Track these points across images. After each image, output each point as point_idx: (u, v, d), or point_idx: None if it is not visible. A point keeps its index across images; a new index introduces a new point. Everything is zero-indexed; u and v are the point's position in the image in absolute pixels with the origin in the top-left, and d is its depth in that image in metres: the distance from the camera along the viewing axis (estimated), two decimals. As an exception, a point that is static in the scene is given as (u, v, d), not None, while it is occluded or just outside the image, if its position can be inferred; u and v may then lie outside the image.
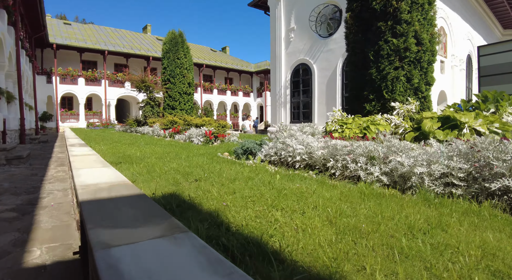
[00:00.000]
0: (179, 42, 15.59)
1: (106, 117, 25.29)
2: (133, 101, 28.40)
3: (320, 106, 13.20)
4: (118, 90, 25.84)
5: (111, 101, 25.86)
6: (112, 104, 25.98)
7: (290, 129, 4.58)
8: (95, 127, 21.27)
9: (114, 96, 25.99)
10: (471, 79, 15.87)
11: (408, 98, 5.22)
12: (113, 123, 23.84)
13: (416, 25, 5.21)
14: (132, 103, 29.12)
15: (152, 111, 15.11)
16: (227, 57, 38.86)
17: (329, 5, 12.75)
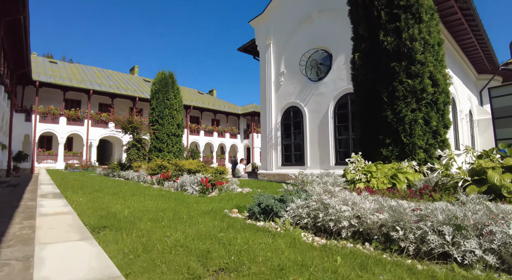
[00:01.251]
0: (169, 83, 15.36)
1: (86, 159, 24.08)
2: (116, 142, 27.47)
3: (312, 148, 12.85)
4: (101, 131, 24.98)
5: (93, 141, 24.86)
6: (94, 144, 24.95)
7: (311, 180, 3.95)
8: (74, 169, 20.03)
9: (97, 137, 25.05)
10: (473, 128, 17.46)
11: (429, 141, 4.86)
12: (94, 165, 22.61)
13: (430, 66, 5.03)
14: (115, 144, 28.15)
15: (138, 154, 14.33)
16: (214, 99, 39.17)
17: (319, 50, 12.95)
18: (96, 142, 25.02)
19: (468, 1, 11.84)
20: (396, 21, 5.18)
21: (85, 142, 24.27)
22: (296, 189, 3.78)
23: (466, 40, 15.28)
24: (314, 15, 12.89)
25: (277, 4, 14.52)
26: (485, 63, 18.70)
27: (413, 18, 5.09)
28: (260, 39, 15.27)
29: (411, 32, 5.01)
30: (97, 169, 16.22)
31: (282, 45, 14.30)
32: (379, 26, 5.35)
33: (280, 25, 14.47)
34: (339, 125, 12.05)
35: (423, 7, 5.11)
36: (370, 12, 5.53)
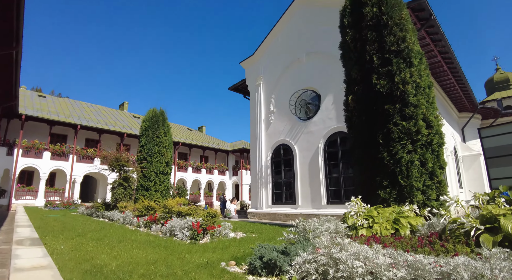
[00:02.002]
0: (160, 120, 15.26)
1: (69, 196, 23.05)
2: (102, 179, 26.64)
3: (303, 187, 12.69)
4: (86, 166, 24.21)
5: (77, 178, 23.99)
6: (77, 181, 24.05)
7: (314, 228, 3.70)
8: (54, 207, 19.00)
9: (81, 173, 24.23)
10: (458, 165, 17.73)
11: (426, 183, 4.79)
12: (76, 203, 21.57)
13: (423, 108, 5.12)
14: (100, 181, 27.27)
15: (124, 193, 13.77)
16: (203, 136, 39.16)
17: (307, 91, 13.28)
18: (80, 179, 24.15)
19: (446, 46, 12.59)
20: (388, 65, 5.34)
21: (69, 178, 23.40)
22: (298, 238, 3.55)
23: (446, 81, 16.06)
24: (302, 57, 13.38)
25: (267, 46, 15.08)
26: (465, 102, 19.57)
27: (404, 62, 5.27)
28: (251, 79, 15.64)
29: (403, 75, 5.16)
30: (79, 208, 15.41)
31: (272, 85, 14.63)
32: (372, 70, 5.50)
33: (270, 66, 14.92)
34: (329, 163, 12.03)
35: (412, 52, 5.32)
36: (362, 56, 5.71)
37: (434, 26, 11.25)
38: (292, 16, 14.12)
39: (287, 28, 14.36)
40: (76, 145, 24.55)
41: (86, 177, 26.32)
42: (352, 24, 6.01)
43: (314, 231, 3.64)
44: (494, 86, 36.44)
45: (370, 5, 5.63)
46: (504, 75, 36.19)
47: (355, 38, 5.88)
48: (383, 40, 5.40)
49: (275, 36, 14.80)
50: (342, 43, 6.29)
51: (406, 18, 5.50)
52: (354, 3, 6.12)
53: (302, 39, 13.59)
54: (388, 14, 5.42)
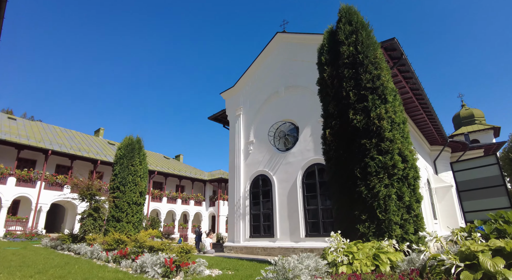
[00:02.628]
0: (136, 149, 14.83)
1: (32, 226, 21.42)
2: (70, 207, 25.18)
3: (282, 219, 12.50)
4: (54, 194, 22.82)
5: (43, 206, 22.45)
6: (44, 209, 22.47)
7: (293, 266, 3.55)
8: (15, 238, 17.54)
9: (49, 201, 22.74)
10: (432, 196, 18.18)
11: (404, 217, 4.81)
12: (40, 233, 20.04)
13: (398, 143, 5.27)
14: (69, 210, 25.72)
15: (94, 224, 12.98)
16: (180, 164, 38.41)
17: (286, 123, 13.50)
18: (47, 207, 22.61)
19: (417, 83, 13.32)
20: (364, 101, 5.54)
21: (34, 206, 21.88)
22: (277, 277, 3.40)
23: (418, 115, 16.85)
24: (281, 90, 13.73)
25: (248, 79, 15.42)
26: (436, 136, 20.50)
27: (379, 99, 5.49)
28: (231, 109, 15.78)
29: (379, 111, 5.35)
30: (43, 240, 14.27)
31: (251, 116, 14.79)
32: (348, 106, 5.68)
33: (250, 98, 15.16)
34: (308, 195, 12.02)
35: (387, 89, 5.56)
36: (339, 92, 5.91)
37: (405, 64, 11.95)
38: (272, 51, 14.63)
39: (267, 62, 14.82)
40: (46, 171, 23.28)
41: (53, 206, 24.77)
42: (329, 62, 6.27)
43: (294, 270, 3.51)
44: (461, 121, 38.66)
45: (347, 45, 5.92)
46: (469, 111, 38.56)
47: (332, 75, 6.12)
48: (359, 77, 5.64)
49: (256, 69, 15.20)
50: (320, 79, 6.52)
51: (380, 57, 5.80)
52: (331, 42, 6.43)
53: (282, 73, 14.03)
54: (363, 53, 5.70)
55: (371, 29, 6.08)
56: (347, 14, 6.27)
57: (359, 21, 6.08)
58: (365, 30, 5.95)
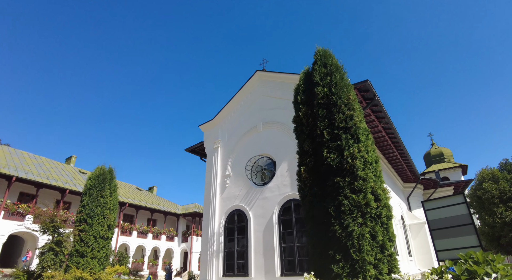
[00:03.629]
0: (107, 179, 14.23)
1: (-17, 262, 19.58)
2: (31, 240, 23.35)
3: (257, 256, 12.10)
4: (14, 224, 21.09)
5: (0, 237, 20.67)
6: (0, 241, 20.66)
7: None
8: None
9: (7, 232, 20.94)
10: (406, 233, 18.34)
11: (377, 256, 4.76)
12: (-9, 271, 18.32)
13: (371, 182, 5.35)
14: (28, 242, 23.82)
15: (55, 260, 12.02)
16: (153, 196, 37.13)
17: (264, 157, 13.56)
18: (4, 238, 20.77)
19: (389, 122, 13.92)
20: (337, 140, 5.69)
21: (-11, 239, 20.13)
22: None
23: (391, 153, 17.42)
24: (259, 125, 13.94)
25: (227, 113, 15.60)
26: (408, 173, 21.13)
27: (352, 138, 5.66)
28: (209, 142, 15.73)
29: (351, 150, 5.49)
30: (-6, 278, 13.03)
31: (229, 149, 14.78)
32: (323, 144, 5.81)
33: (229, 131, 15.25)
34: (284, 231, 11.81)
35: (360, 129, 5.76)
36: (314, 131, 6.06)
37: (378, 105, 12.54)
38: (252, 87, 15.02)
39: (247, 98, 15.14)
40: (7, 199, 21.73)
41: (12, 237, 22.86)
42: (305, 101, 6.49)
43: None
44: (431, 159, 40.34)
45: (321, 86, 6.18)
46: (438, 150, 40.42)
47: (308, 113, 6.31)
48: (333, 117, 5.84)
49: (235, 104, 15.45)
50: (295, 117, 6.69)
51: (353, 99, 6.07)
52: (307, 82, 6.70)
53: (260, 109, 14.33)
54: (337, 95, 5.95)
55: (345, 72, 6.41)
56: (323, 56, 6.61)
57: (334, 63, 6.42)
58: (339, 72, 6.26)
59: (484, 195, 22.02)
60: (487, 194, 21.70)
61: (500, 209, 20.69)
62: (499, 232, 21.12)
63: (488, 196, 21.64)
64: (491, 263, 3.97)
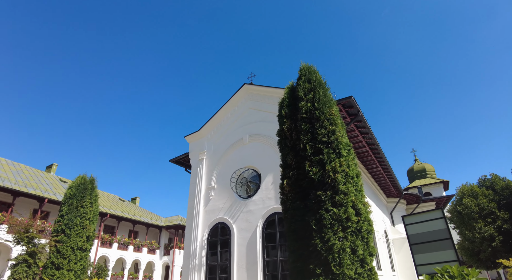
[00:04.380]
0: (88, 189, 13.87)
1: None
2: (4, 250, 22.32)
3: (240, 271, 11.93)
4: (-15, 236, 20.26)
5: (-30, 249, 19.76)
6: (-30, 253, 19.75)
7: None
8: None
9: (-22, 243, 20.09)
10: (389, 247, 18.53)
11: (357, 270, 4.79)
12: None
13: (352, 196, 5.42)
14: (2, 253, 22.79)
15: (27, 272, 11.52)
16: (135, 208, 36.33)
17: (249, 169, 13.56)
18: (-26, 250, 19.90)
19: (372, 138, 14.20)
20: (319, 154, 5.78)
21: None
22: None
23: (374, 168, 17.69)
24: (246, 138, 13.99)
25: (213, 125, 15.61)
26: (391, 188, 21.44)
27: (334, 153, 5.75)
28: (194, 153, 15.65)
29: (333, 164, 5.57)
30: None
31: (215, 161, 14.72)
32: (305, 157, 5.89)
33: (214, 143, 15.23)
34: (268, 245, 11.72)
35: (341, 144, 5.87)
36: (297, 144, 6.15)
37: (361, 121, 12.80)
38: (239, 100, 15.13)
39: (234, 110, 15.23)
40: (-20, 210, 20.88)
41: (-17, 249, 21.89)
42: (289, 115, 6.60)
43: None
44: (414, 174, 41.13)
45: (305, 101, 6.31)
46: (421, 166, 41.27)
47: (291, 127, 6.41)
48: (315, 131, 5.95)
49: (222, 116, 15.49)
50: (279, 130, 6.78)
51: (336, 114, 6.21)
52: (291, 97, 6.84)
53: (247, 122, 14.41)
54: (320, 110, 6.08)
55: (328, 88, 6.58)
56: (307, 72, 6.77)
57: (317, 79, 6.58)
58: (322, 88, 6.42)
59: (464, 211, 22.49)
60: (467, 210, 22.18)
61: (479, 224, 21.14)
62: (478, 247, 21.51)
63: (468, 212, 22.11)
64: (466, 277, 4.07)
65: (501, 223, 20.74)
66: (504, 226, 20.65)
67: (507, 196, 21.91)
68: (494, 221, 21.05)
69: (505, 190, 22.13)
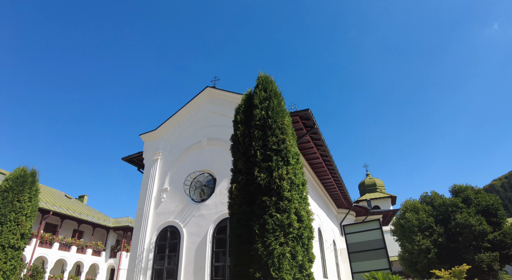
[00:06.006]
0: (28, 182, 12.83)
1: None
2: None
3: (186, 275, 11.74)
4: None
5: None
6: None
7: None
8: None
9: None
10: (337, 256, 19.11)
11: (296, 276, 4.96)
12: None
13: (296, 203, 5.63)
14: None
15: None
16: (82, 206, 34.26)
17: (204, 173, 13.47)
18: None
19: (326, 150, 14.78)
20: (269, 161, 5.96)
21: None
22: None
23: (326, 180, 18.37)
24: (204, 141, 13.89)
25: (171, 125, 15.31)
26: (342, 200, 22.36)
27: (282, 160, 5.97)
28: (149, 153, 15.21)
29: (280, 172, 5.77)
30: None
31: (170, 163, 14.42)
32: (255, 163, 6.04)
33: (171, 144, 14.93)
34: (218, 250, 11.68)
35: (290, 152, 6.11)
36: (248, 150, 6.29)
37: (317, 133, 13.29)
38: (201, 103, 15.02)
39: (194, 112, 15.07)
40: None
41: None
42: (243, 121, 6.75)
43: None
44: (365, 188, 43.23)
45: (260, 108, 6.50)
46: (372, 180, 43.50)
47: (245, 133, 6.55)
48: (267, 139, 6.14)
49: (182, 117, 15.26)
50: (233, 136, 6.90)
51: (288, 124, 6.45)
52: (247, 104, 7.00)
53: (206, 125, 14.33)
54: (273, 118, 6.29)
55: (282, 98, 6.83)
56: (264, 82, 6.99)
57: (273, 89, 6.81)
58: (277, 98, 6.65)
59: (406, 224, 24.05)
60: (408, 223, 23.75)
61: (418, 237, 22.70)
62: (416, 258, 23.03)
63: (409, 225, 23.67)
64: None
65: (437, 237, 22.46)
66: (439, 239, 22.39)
67: (443, 212, 23.82)
68: (431, 234, 22.76)
69: (442, 206, 24.06)
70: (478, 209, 22.98)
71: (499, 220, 22.95)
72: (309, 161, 15.86)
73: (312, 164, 16.21)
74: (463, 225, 21.94)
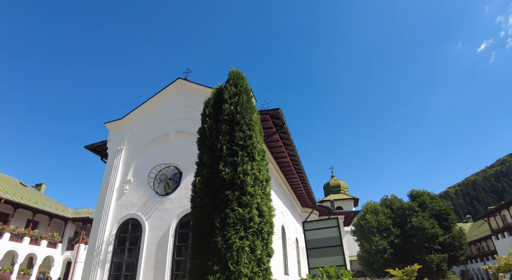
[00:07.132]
0: (-23, 169, 12.09)
1: None
2: None
3: (146, 269, 11.52)
4: None
5: None
6: None
7: None
8: None
9: None
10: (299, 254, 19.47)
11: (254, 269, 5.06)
12: None
13: (258, 198, 5.72)
14: None
15: None
16: (39, 195, 32.50)
17: (170, 166, 13.25)
18: None
19: (294, 150, 15.06)
20: (234, 156, 6.01)
21: None
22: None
23: (293, 179, 18.72)
24: (172, 134, 13.65)
25: (139, 115, 14.90)
26: (307, 199, 22.88)
27: (248, 156, 6.04)
28: (113, 142, 14.71)
29: (245, 167, 5.84)
30: None
31: (135, 153, 14.04)
32: (221, 157, 6.06)
33: (137, 135, 14.53)
34: (180, 245, 11.55)
35: (256, 149, 6.19)
36: (215, 144, 6.30)
37: (286, 133, 13.50)
38: (171, 94, 14.72)
39: (164, 104, 14.74)
40: None
41: None
42: (212, 115, 6.74)
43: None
44: (330, 189, 44.47)
45: (229, 104, 6.53)
46: (337, 182, 44.82)
47: (212, 127, 6.55)
48: (234, 134, 6.18)
49: (150, 108, 14.88)
50: (200, 129, 6.87)
51: (256, 121, 6.53)
52: (217, 98, 7.00)
53: (175, 118, 14.06)
54: (241, 114, 6.34)
55: (252, 95, 6.90)
56: (235, 77, 7.01)
57: (244, 85, 6.85)
58: (247, 94, 6.70)
59: (366, 225, 25.08)
60: (368, 224, 24.78)
61: (376, 237, 23.77)
62: (373, 258, 24.13)
63: (368, 226, 24.71)
64: (340, 277, 4.62)
65: (393, 238, 23.66)
66: (396, 241, 23.59)
67: (401, 215, 25.14)
68: (389, 236, 23.95)
69: (399, 209, 25.37)
70: (432, 213, 24.50)
71: (449, 224, 24.60)
72: (277, 160, 16.09)
73: (280, 163, 16.46)
74: (417, 228, 23.28)
